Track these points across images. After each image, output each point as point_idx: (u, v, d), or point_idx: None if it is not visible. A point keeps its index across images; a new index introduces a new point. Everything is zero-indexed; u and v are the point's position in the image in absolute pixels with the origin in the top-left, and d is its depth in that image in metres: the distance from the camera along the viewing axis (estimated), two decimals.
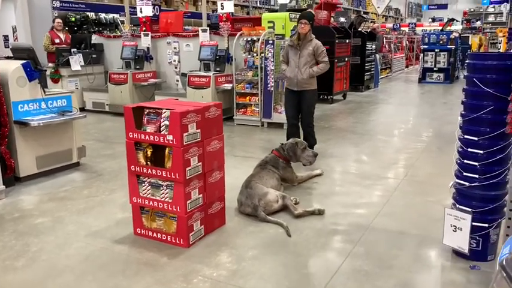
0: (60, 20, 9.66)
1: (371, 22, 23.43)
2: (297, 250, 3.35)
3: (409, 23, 26.80)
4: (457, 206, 3.12)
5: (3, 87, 4.55)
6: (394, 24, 24.16)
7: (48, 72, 8.89)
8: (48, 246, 3.42)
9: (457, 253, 3.15)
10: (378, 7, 17.74)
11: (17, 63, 4.75)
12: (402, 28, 23.90)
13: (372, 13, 25.64)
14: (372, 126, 8.10)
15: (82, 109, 8.94)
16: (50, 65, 9.10)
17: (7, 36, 12.11)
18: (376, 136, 7.23)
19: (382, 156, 5.98)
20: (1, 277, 2.99)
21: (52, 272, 3.05)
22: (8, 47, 8.87)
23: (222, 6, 8.21)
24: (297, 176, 4.71)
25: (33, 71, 4.79)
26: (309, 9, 7.82)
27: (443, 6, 34.74)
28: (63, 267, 3.11)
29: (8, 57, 5.49)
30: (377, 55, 13.85)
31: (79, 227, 3.77)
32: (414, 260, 3.20)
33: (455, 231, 3.06)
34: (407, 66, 20.59)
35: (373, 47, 13.18)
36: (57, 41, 9.41)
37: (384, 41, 16.75)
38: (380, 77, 14.66)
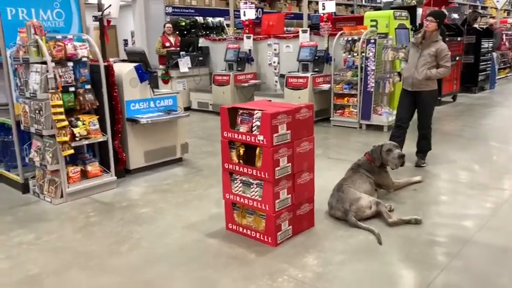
0: (170, 25, 10.36)
1: (490, 17, 21.48)
2: (386, 259, 3.21)
3: None
4: None
5: (118, 87, 5.01)
6: None
7: (159, 74, 9.60)
8: (148, 235, 3.71)
9: None
10: (497, 1, 16.16)
11: (130, 66, 5.21)
12: None
13: (491, 8, 23.50)
14: (484, 131, 7.44)
15: (188, 108, 9.53)
16: (161, 67, 9.81)
17: (126, 40, 13.36)
18: (488, 142, 6.63)
19: (494, 165, 5.47)
20: (107, 259, 3.32)
21: (150, 259, 3.30)
22: None
23: (323, 6, 8.15)
24: (394, 182, 4.50)
25: (144, 73, 5.22)
26: (442, 9, 7.35)
27: None
28: (160, 255, 3.35)
29: (123, 60, 6.04)
30: (494, 53, 12.66)
31: (177, 218, 4.03)
32: None
33: None
34: None
35: (490, 44, 12.08)
36: (167, 44, 10.11)
37: (504, 37, 15.23)
38: (497, 78, 13.37)
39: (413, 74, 5.20)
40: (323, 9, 8.18)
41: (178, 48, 9.97)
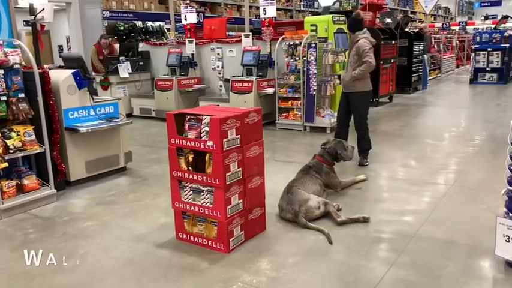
0: (106, 40, 9.83)
1: (419, 22, 22.75)
2: (338, 258, 3.27)
3: (460, 22, 25.77)
4: (510, 215, 2.94)
5: (55, 95, 4.75)
6: (443, 24, 23.31)
7: (97, 80, 9.23)
8: (94, 249, 3.53)
9: (511, 265, 2.96)
10: (426, 6, 17.16)
11: (68, 72, 4.95)
12: (452, 27, 23.01)
13: (419, 13, 24.90)
14: (420, 130, 7.83)
15: (130, 115, 9.24)
16: (94, 73, 9.39)
17: (61, 46, 12.73)
18: (424, 140, 6.98)
19: (431, 161, 5.76)
20: (50, 278, 3.12)
21: (97, 274, 3.14)
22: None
23: (264, 11, 8.23)
24: (341, 181, 4.61)
25: (82, 80, 4.98)
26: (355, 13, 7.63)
27: (497, 3, 32.95)
28: (107, 270, 3.20)
29: (60, 67, 5.74)
30: (425, 56, 13.39)
31: (124, 230, 3.87)
32: (463, 271, 3.04)
33: (509, 241, 2.88)
34: (457, 67, 19.82)
35: (421, 47, 12.77)
36: (100, 57, 9.70)
37: (433, 41, 16.20)
38: (428, 79, 14.17)
39: (344, 75, 5.57)
40: (264, 14, 8.25)
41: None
